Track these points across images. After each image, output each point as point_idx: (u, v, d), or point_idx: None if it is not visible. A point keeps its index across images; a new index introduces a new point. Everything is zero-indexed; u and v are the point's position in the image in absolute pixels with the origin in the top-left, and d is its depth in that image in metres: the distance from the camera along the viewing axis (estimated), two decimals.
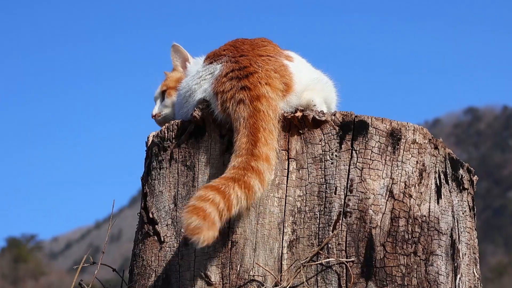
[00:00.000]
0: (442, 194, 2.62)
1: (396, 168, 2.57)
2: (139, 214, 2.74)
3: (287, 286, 2.47)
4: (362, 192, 2.53)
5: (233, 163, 2.50)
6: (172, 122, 2.71)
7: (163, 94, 3.31)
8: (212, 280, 2.53)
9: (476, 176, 2.78)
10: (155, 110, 3.31)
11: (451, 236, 2.61)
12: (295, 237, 2.52)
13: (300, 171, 2.56)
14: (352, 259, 2.49)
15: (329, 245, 2.50)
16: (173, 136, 2.69)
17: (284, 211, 2.54)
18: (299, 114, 2.58)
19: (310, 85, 2.71)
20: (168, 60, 3.42)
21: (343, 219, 2.51)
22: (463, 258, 2.64)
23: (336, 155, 2.55)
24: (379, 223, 2.52)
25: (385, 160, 2.57)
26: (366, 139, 2.57)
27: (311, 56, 2.92)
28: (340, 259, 2.49)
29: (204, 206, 2.40)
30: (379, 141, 2.57)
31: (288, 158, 2.57)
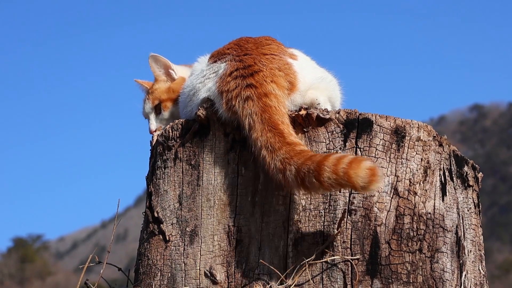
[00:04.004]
0: (447, 191, 2.62)
1: (400, 166, 2.57)
2: (144, 214, 2.74)
3: (292, 284, 2.47)
4: None
5: (274, 158, 2.45)
6: (176, 121, 2.71)
7: (157, 108, 3.21)
8: (217, 278, 2.54)
9: (481, 173, 2.78)
10: (154, 125, 3.20)
11: (456, 233, 2.60)
12: (300, 235, 2.52)
13: None
14: (357, 256, 2.49)
15: (334, 243, 2.50)
16: (178, 135, 2.69)
17: (289, 209, 2.54)
18: (303, 112, 2.57)
19: (314, 84, 2.71)
20: (174, 57, 3.38)
21: (348, 217, 2.51)
22: (468, 255, 2.64)
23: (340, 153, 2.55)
24: (384, 221, 2.52)
25: (390, 158, 2.57)
26: (371, 137, 2.57)
27: (316, 54, 2.92)
28: (345, 257, 2.49)
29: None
30: (383, 139, 2.57)
31: None
